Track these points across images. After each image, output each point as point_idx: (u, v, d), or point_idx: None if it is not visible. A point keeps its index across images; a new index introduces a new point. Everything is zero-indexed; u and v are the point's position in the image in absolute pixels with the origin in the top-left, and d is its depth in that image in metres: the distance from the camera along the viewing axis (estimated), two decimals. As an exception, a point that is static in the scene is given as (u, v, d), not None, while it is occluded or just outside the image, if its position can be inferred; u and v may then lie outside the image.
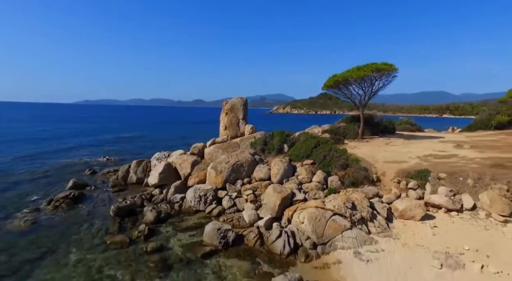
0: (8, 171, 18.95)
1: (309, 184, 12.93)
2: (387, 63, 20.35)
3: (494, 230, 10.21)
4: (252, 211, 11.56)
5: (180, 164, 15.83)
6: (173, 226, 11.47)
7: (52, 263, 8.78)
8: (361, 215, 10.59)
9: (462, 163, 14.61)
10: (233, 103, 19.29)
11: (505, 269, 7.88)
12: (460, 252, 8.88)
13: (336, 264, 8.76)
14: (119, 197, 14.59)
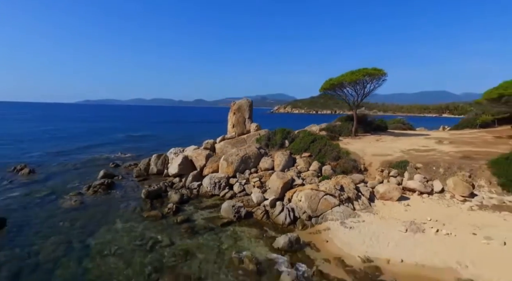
0: (46, 164, 21.55)
1: (306, 172, 15.46)
2: (377, 68, 22.84)
3: (454, 207, 12.73)
4: (259, 194, 14.09)
5: (195, 157, 18.36)
6: (194, 206, 14.00)
7: (104, 229, 11.31)
8: (348, 196, 13.11)
9: (437, 156, 17.10)
10: (240, 104, 21.83)
11: (453, 232, 10.37)
12: (423, 221, 11.38)
13: (325, 230, 11.27)
14: (145, 185, 17.10)
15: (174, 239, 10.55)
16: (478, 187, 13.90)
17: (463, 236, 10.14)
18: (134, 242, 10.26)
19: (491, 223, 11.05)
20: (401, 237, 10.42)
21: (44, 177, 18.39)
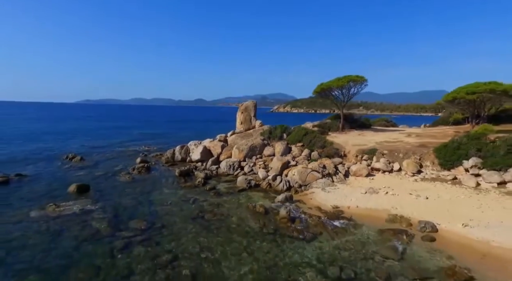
0: (88, 154, 26.43)
1: (299, 157, 20.45)
2: (359, 76, 27.81)
3: (404, 179, 17.71)
4: (264, 172, 19.04)
5: (213, 147, 23.33)
6: (216, 180, 18.94)
7: (157, 193, 16.23)
8: (328, 172, 18.09)
9: (401, 145, 22.08)
10: (247, 105, 26.79)
11: (397, 193, 15.33)
12: (379, 188, 16.34)
13: (311, 193, 16.23)
14: (174, 168, 22.02)
15: (207, 198, 15.50)
16: (424, 167, 18.91)
17: (402, 195, 15.12)
18: (181, 199, 15.23)
19: (425, 188, 16.02)
20: (361, 196, 15.40)
21: (93, 163, 23.34)
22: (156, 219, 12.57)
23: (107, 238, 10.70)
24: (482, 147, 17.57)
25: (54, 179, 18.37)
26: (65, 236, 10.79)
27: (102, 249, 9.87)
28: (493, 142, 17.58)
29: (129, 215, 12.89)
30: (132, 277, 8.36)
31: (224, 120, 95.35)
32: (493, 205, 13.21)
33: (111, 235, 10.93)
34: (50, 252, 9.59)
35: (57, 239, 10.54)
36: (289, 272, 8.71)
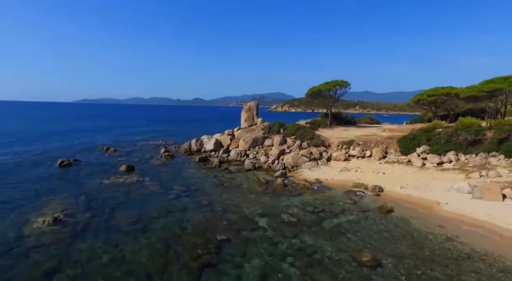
0: (118, 147, 31.73)
1: (292, 146, 25.95)
2: (344, 80, 33.28)
3: (372, 163, 23.21)
4: (265, 158, 24.51)
5: (223, 139, 28.79)
6: (227, 164, 24.33)
7: (185, 172, 21.64)
8: (314, 157, 23.61)
9: (375, 138, 27.59)
10: (250, 105, 32.24)
11: (364, 171, 20.84)
12: (351, 168, 21.86)
13: (300, 172, 21.72)
14: (192, 156, 27.41)
15: (223, 174, 20.96)
16: (389, 153, 24.45)
17: (367, 172, 20.63)
18: (204, 175, 20.69)
19: (385, 168, 21.52)
20: (337, 172, 20.93)
21: (126, 153, 28.71)
22: (191, 185, 18.02)
23: (161, 194, 16.15)
24: (430, 138, 23.14)
25: (103, 162, 23.81)
26: (133, 193, 16.22)
27: (161, 198, 15.33)
28: (439, 134, 23.14)
29: (171, 183, 18.33)
30: (185, 211, 13.75)
31: (223, 119, 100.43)
32: (427, 176, 18.78)
33: (163, 193, 16.38)
34: (127, 200, 14.99)
35: (129, 194, 15.95)
36: (282, 209, 14.16)
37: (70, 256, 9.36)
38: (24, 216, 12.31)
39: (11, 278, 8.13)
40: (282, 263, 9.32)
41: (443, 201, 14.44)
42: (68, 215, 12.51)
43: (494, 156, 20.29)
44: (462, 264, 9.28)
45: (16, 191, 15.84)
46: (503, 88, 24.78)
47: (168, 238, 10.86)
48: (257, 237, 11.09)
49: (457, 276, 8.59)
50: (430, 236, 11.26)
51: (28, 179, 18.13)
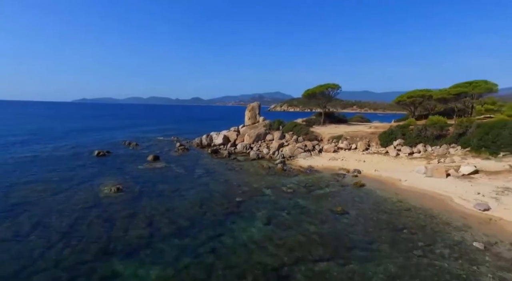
0: (140, 141, 36.19)
1: (290, 140, 30.56)
2: (335, 83, 37.93)
3: (356, 154, 27.87)
4: (267, 150, 29.10)
5: (230, 135, 33.35)
6: (235, 155, 28.90)
7: (201, 161, 26.16)
8: (308, 149, 28.23)
9: (360, 133, 32.22)
10: (253, 105, 36.80)
11: (348, 160, 25.48)
12: (338, 157, 26.50)
13: (296, 160, 26.32)
14: (204, 149, 31.91)
15: (233, 162, 25.52)
16: (371, 146, 29.08)
17: (351, 160, 25.26)
18: (217, 163, 25.24)
19: (367, 157, 26.16)
20: (326, 161, 25.55)
21: (146, 146, 33.19)
22: (208, 169, 22.58)
23: (187, 175, 20.70)
24: (405, 133, 27.80)
25: (131, 154, 28.33)
26: (165, 174, 20.76)
27: (188, 177, 19.88)
28: (411, 130, 27.79)
29: (192, 168, 22.88)
30: (209, 185, 18.26)
31: (223, 118, 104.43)
32: (398, 163, 23.45)
33: (188, 174, 20.93)
34: (163, 178, 19.51)
35: (162, 175, 20.47)
36: (282, 184, 18.72)
37: (136, 209, 13.89)
38: (94, 188, 16.85)
39: (106, 219, 12.63)
40: (281, 212, 13.91)
41: (404, 179, 19.09)
42: (124, 187, 17.03)
43: (454, 147, 24.98)
44: (402, 213, 13.88)
45: (75, 173, 20.35)
46: (467, 91, 29.50)
47: (201, 199, 15.45)
48: (264, 199, 15.69)
49: (397, 220, 13.16)
50: (387, 199, 15.87)
51: (79, 166, 22.63)
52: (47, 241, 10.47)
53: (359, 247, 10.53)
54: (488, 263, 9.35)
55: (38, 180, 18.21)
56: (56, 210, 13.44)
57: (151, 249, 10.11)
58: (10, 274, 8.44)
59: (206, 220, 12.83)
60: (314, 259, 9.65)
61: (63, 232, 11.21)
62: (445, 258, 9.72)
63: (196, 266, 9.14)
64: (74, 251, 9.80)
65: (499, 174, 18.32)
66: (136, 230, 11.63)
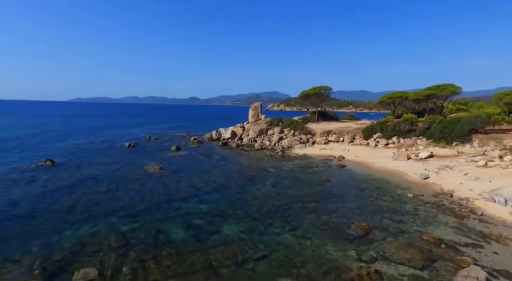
0: (158, 136, 41.62)
1: (288, 134, 36.32)
2: (327, 86, 43.67)
3: (343, 145, 33.66)
4: (268, 142, 34.80)
5: (237, 130, 38.99)
6: (242, 147, 34.52)
7: (215, 150, 31.75)
8: (303, 141, 34.01)
9: (348, 129, 38.02)
10: (256, 105, 42.46)
11: (336, 149, 31.26)
12: (328, 148, 32.26)
13: (293, 150, 32.05)
14: (215, 142, 37.47)
15: (241, 152, 31.16)
16: (355, 139, 34.88)
17: (338, 150, 31.03)
18: (228, 152, 30.88)
19: (351, 148, 31.92)
20: (318, 150, 31.31)
21: (165, 140, 38.68)
22: (223, 156, 28.20)
23: (207, 160, 26.29)
24: (383, 128, 33.62)
25: (155, 146, 33.84)
26: (190, 160, 26.32)
27: (209, 162, 25.48)
28: (388, 125, 33.61)
29: (209, 156, 28.48)
30: (227, 166, 23.84)
31: (222, 117, 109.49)
32: (374, 151, 29.25)
33: (208, 160, 26.52)
34: (189, 162, 25.05)
35: (188, 160, 26.03)
36: (282, 165, 24.38)
37: (179, 179, 19.44)
38: (141, 167, 22.38)
39: (161, 185, 18.16)
40: (283, 180, 19.59)
41: (376, 162, 24.89)
42: (163, 167, 22.55)
43: (421, 139, 30.82)
44: (369, 181, 19.60)
45: (119, 158, 25.86)
46: (436, 93, 35.40)
47: (224, 173, 21.12)
48: (269, 174, 21.36)
49: (364, 184, 18.85)
50: (360, 174, 21.61)
51: (119, 154, 28.14)
52: (128, 194, 16.04)
53: (335, 197, 16.26)
54: (412, 203, 15.11)
55: (96, 162, 23.71)
56: (123, 179, 19.00)
57: (199, 198, 15.73)
58: (110, 210, 13.96)
59: (231, 185, 18.49)
60: (305, 201, 15.34)
61: (137, 191, 16.77)
62: (387, 201, 15.47)
63: (230, 205, 14.77)
64: (150, 200, 15.35)
65: (447, 158, 24.18)
66: (185, 189, 17.24)
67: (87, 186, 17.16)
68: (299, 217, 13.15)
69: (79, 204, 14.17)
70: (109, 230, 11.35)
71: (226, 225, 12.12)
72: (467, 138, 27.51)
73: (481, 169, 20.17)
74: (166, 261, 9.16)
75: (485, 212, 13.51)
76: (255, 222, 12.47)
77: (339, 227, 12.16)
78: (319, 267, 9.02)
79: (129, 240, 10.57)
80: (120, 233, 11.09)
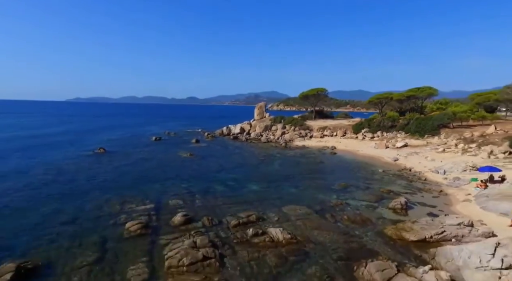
0: (176, 132, 47.56)
1: (289, 130, 42.42)
2: (323, 88, 49.78)
3: (336, 138, 39.80)
4: (272, 136, 40.86)
5: (244, 126, 45.05)
6: (250, 140, 40.54)
7: (227, 142, 37.75)
8: (302, 135, 40.13)
9: (340, 125, 44.16)
10: (261, 105, 48.54)
11: (329, 142, 37.36)
12: (323, 140, 38.37)
13: (294, 142, 38.12)
14: (226, 137, 43.44)
15: (251, 144, 37.18)
16: (347, 133, 40.99)
17: (332, 142, 37.12)
18: (240, 143, 36.91)
19: (342, 140, 38.06)
20: (314, 142, 37.42)
21: (182, 135, 44.61)
22: (236, 147, 34.21)
23: (225, 149, 32.32)
24: (370, 124, 39.72)
25: (177, 139, 39.81)
26: (210, 149, 32.30)
27: (226, 150, 31.52)
28: (374, 122, 39.71)
29: (225, 146, 34.49)
30: (242, 154, 29.83)
31: (224, 116, 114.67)
32: (361, 143, 35.35)
33: (225, 149, 32.55)
34: (212, 150, 31.01)
35: (209, 149, 32.00)
36: (285, 153, 30.42)
37: (208, 162, 25.39)
38: (174, 154, 28.31)
39: (196, 164, 24.13)
40: (286, 162, 25.68)
41: (361, 150, 30.97)
42: (193, 154, 28.47)
43: (400, 133, 36.95)
44: (353, 163, 25.65)
45: (153, 148, 31.83)
46: (416, 94, 41.54)
47: (241, 158, 27.16)
48: (276, 158, 27.38)
49: (349, 165, 24.89)
50: (347, 159, 27.66)
51: (149, 145, 34.12)
52: (175, 170, 22.00)
53: (326, 171, 22.36)
54: (381, 174, 21.16)
55: (137, 151, 29.65)
56: (165, 161, 24.97)
57: (227, 171, 21.71)
58: (168, 177, 19.87)
59: (248, 164, 24.59)
60: (304, 174, 21.40)
61: (180, 168, 22.73)
62: (363, 173, 21.52)
63: (250, 175, 20.77)
64: (193, 173, 21.28)
65: (417, 147, 30.29)
66: (215, 167, 23.24)
67: (142, 165, 23.16)
68: (299, 181, 19.19)
69: (144, 175, 20.13)
70: (175, 185, 17.38)
71: (250, 184, 18.15)
72: (437, 131, 33.68)
73: (439, 154, 26.31)
74: (216, 201, 15.06)
75: (427, 179, 19.61)
76: (269, 183, 18.48)
77: (327, 185, 18.21)
78: (312, 201, 15.00)
79: (191, 190, 16.54)
80: (184, 188, 17.05)
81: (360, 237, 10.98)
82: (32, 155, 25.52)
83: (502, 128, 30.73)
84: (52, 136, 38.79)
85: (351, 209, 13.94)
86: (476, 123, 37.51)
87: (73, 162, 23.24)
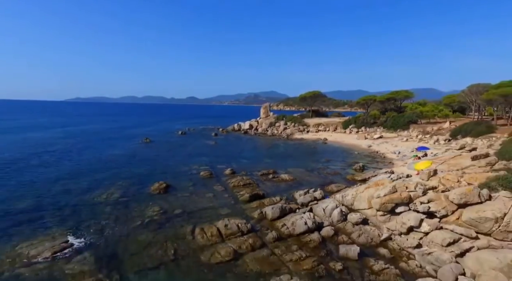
0: (193, 128, 56.28)
1: (290, 126, 51.29)
2: (319, 91, 58.62)
3: (328, 132, 48.63)
4: (276, 131, 49.69)
5: (253, 123, 53.84)
6: (258, 134, 49.28)
7: (239, 135, 46.49)
8: (301, 130, 49.02)
9: (333, 122, 52.98)
10: (266, 105, 57.34)
11: (322, 135, 46.17)
12: (318, 134, 47.18)
13: (294, 136, 46.91)
14: (237, 132, 52.16)
15: (258, 137, 45.97)
16: (337, 129, 49.82)
17: (324, 135, 45.89)
18: (250, 138, 45.71)
19: (333, 134, 46.85)
20: (311, 136, 46.25)
21: (199, 131, 53.24)
22: (248, 139, 42.97)
23: (238, 140, 41.09)
24: (356, 121, 48.54)
25: (198, 133, 48.57)
26: (227, 140, 41.04)
27: (239, 140, 40.30)
28: (360, 119, 48.50)
29: (239, 138, 43.25)
30: (253, 144, 38.57)
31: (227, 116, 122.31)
32: (348, 136, 44.20)
33: (239, 140, 41.29)
34: (228, 140, 39.75)
35: (226, 140, 40.73)
36: (287, 143, 39.20)
37: (229, 147, 34.08)
38: (201, 142, 37.03)
39: (220, 149, 32.84)
40: (288, 148, 34.49)
41: (346, 141, 39.79)
42: (216, 142, 37.16)
43: (380, 128, 45.77)
44: (338, 149, 34.42)
45: (182, 139, 40.53)
46: (394, 96, 50.42)
47: (253, 146, 36.01)
48: (280, 146, 36.17)
49: (335, 150, 33.64)
50: (335, 146, 36.42)
51: (177, 136, 42.88)
52: (207, 151, 30.70)
53: (318, 154, 31.15)
54: (356, 155, 29.92)
55: (172, 141, 38.35)
56: (198, 147, 33.65)
57: (245, 153, 30.43)
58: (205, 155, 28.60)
59: (260, 149, 33.46)
60: (302, 154, 30.21)
61: (210, 150, 31.43)
62: (343, 154, 30.28)
63: (263, 154, 29.51)
64: (220, 153, 29.97)
65: (390, 138, 39.10)
66: (237, 151, 31.91)
67: (185, 148, 31.92)
68: (298, 158, 27.93)
69: (189, 153, 28.87)
70: (215, 159, 26.09)
71: (265, 159, 26.92)
72: (407, 127, 42.52)
73: (403, 143, 35.12)
74: (244, 166, 23.69)
75: (386, 156, 28.40)
76: (277, 159, 27.18)
77: (316, 160, 26.98)
78: (306, 166, 23.70)
79: (225, 161, 25.25)
80: (220, 161, 25.73)
81: (332, 180, 19.75)
82: (110, 144, 33.88)
83: (455, 124, 39.58)
84: (102, 133, 47.34)
85: (330, 169, 22.73)
86: (441, 120, 46.38)
87: (139, 147, 32.35)
